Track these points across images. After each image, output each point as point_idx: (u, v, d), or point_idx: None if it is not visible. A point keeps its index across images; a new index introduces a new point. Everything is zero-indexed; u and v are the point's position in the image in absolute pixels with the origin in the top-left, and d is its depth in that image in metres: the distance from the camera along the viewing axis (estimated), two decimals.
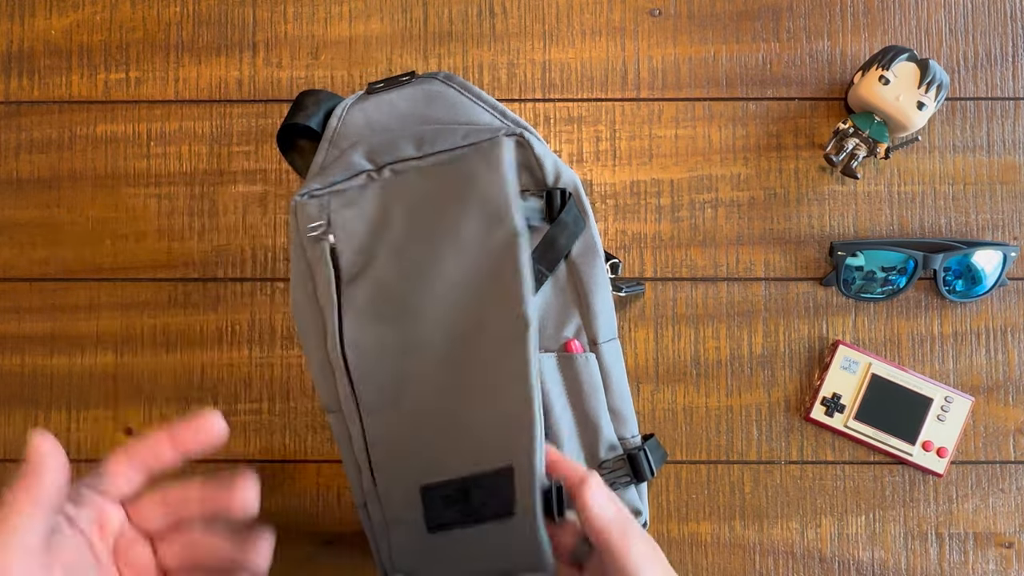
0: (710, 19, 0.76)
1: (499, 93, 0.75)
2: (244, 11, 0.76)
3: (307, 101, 0.65)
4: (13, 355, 0.74)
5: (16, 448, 0.73)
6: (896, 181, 0.75)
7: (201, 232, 0.74)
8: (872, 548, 0.73)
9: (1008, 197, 0.75)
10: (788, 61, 0.76)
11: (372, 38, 0.76)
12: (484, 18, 0.76)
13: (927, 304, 0.74)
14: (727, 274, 0.74)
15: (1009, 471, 0.73)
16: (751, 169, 0.75)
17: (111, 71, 0.76)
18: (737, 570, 0.73)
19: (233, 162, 0.75)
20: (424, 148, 0.63)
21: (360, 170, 0.63)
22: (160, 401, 0.73)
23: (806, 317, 0.74)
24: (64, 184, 0.75)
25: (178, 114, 0.75)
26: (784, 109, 0.75)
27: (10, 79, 0.76)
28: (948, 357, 0.74)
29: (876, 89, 0.70)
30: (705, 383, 0.74)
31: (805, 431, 0.74)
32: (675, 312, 0.74)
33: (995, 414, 0.74)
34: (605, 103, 0.75)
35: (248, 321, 0.74)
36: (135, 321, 0.74)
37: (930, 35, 0.76)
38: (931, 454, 0.72)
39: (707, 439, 0.74)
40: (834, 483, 0.73)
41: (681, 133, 0.75)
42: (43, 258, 0.74)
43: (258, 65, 0.76)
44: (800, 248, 0.75)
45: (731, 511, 0.73)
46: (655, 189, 0.75)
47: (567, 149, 0.75)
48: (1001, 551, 0.73)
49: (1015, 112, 0.75)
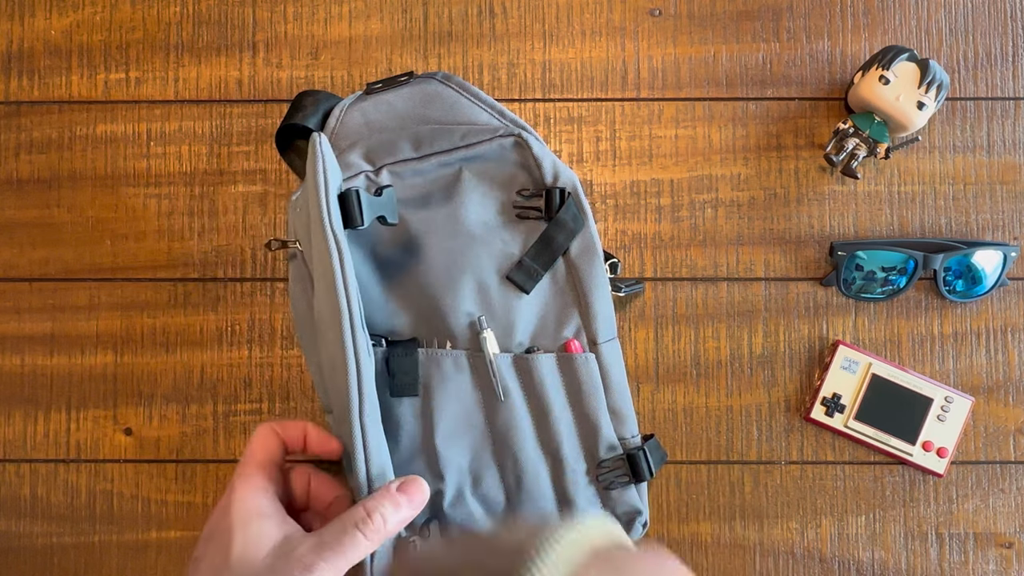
0: (710, 19, 0.76)
1: (499, 93, 0.75)
2: (244, 11, 0.76)
3: (306, 101, 0.65)
4: (13, 355, 0.74)
5: (16, 448, 0.73)
6: (896, 181, 0.75)
7: (201, 232, 0.74)
8: (872, 548, 0.73)
9: (1008, 197, 0.75)
10: (788, 61, 0.76)
11: (372, 38, 0.76)
12: (484, 18, 0.76)
13: (927, 304, 0.74)
14: (727, 274, 0.74)
15: (1009, 471, 0.73)
16: (751, 169, 0.75)
17: (111, 71, 0.76)
18: (737, 570, 0.73)
19: (233, 162, 0.75)
20: (422, 148, 0.63)
21: (358, 170, 0.63)
22: (160, 401, 0.73)
23: (806, 317, 0.74)
24: (64, 184, 0.75)
25: (178, 114, 0.75)
26: (784, 109, 0.75)
27: (10, 79, 0.76)
28: (948, 357, 0.74)
29: (876, 89, 0.70)
30: (705, 383, 0.74)
31: (805, 431, 0.73)
32: (675, 312, 0.74)
33: (995, 414, 0.73)
34: (605, 103, 0.75)
35: (248, 321, 0.74)
36: (135, 321, 0.74)
37: (930, 35, 0.76)
38: (931, 454, 0.72)
39: (707, 439, 0.74)
40: (834, 483, 0.73)
41: (681, 133, 0.75)
42: (43, 258, 0.74)
43: (258, 65, 0.76)
44: (800, 248, 0.74)
45: (731, 511, 0.73)
46: (655, 189, 0.75)
47: (567, 149, 0.75)
48: (1001, 551, 0.73)
49: (1015, 112, 0.75)
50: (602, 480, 0.63)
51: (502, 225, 0.63)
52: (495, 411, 0.62)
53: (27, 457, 0.74)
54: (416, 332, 0.63)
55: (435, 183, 0.63)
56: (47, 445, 0.73)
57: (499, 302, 0.62)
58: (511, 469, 0.62)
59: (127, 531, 0.73)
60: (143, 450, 0.73)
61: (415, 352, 0.62)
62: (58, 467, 0.73)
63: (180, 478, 0.73)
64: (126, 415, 0.73)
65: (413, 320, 0.63)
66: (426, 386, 0.62)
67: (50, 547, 0.73)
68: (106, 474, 0.73)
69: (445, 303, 0.62)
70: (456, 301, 0.62)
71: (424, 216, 0.63)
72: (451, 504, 0.62)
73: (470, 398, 0.62)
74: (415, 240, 0.62)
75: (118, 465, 0.73)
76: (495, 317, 0.62)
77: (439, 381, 0.62)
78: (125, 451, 0.73)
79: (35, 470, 0.73)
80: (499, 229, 0.63)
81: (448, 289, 0.62)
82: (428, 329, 0.63)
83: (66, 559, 0.73)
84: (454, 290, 0.62)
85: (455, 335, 0.62)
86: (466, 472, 0.62)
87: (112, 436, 0.73)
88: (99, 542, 0.73)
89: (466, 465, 0.62)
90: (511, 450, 0.62)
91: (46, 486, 0.73)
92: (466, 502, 0.62)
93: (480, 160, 0.63)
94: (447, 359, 0.62)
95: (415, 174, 0.63)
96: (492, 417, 0.62)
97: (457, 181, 0.63)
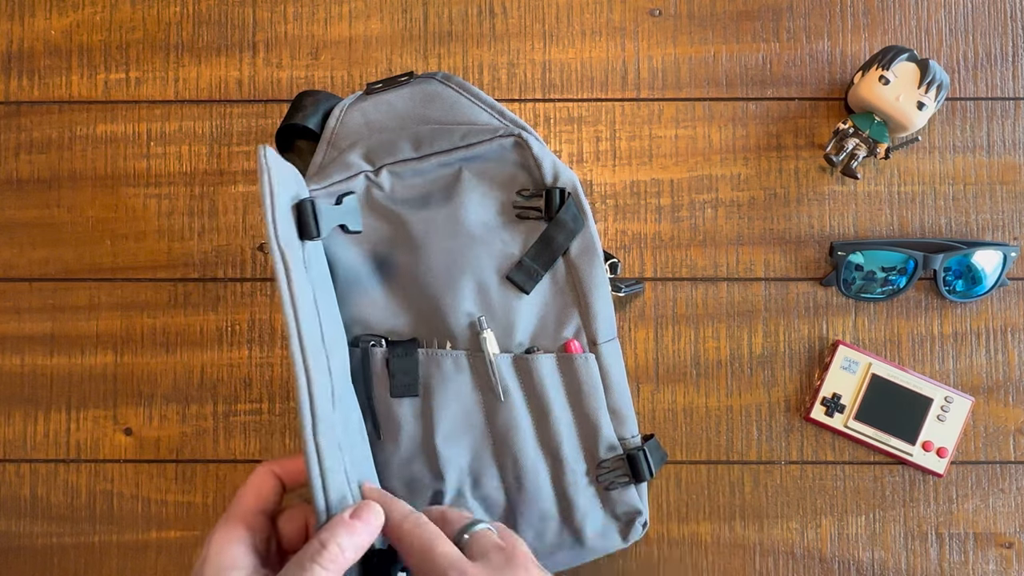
0: (710, 19, 0.76)
1: (499, 93, 0.75)
2: (244, 11, 0.76)
3: (305, 102, 0.65)
4: (13, 355, 0.74)
5: (16, 448, 0.73)
6: (896, 181, 0.75)
7: (201, 232, 0.74)
8: (872, 548, 0.73)
9: (1008, 197, 0.75)
10: (788, 61, 0.76)
11: (372, 38, 0.76)
12: (484, 18, 0.76)
13: (927, 304, 0.74)
14: (727, 274, 0.74)
15: (1009, 471, 0.73)
16: (751, 169, 0.75)
17: (111, 71, 0.76)
18: (737, 570, 0.73)
19: (233, 162, 0.75)
20: (422, 148, 0.63)
21: (358, 170, 0.63)
22: (160, 401, 0.73)
23: (806, 317, 0.74)
24: (64, 184, 0.75)
25: (178, 114, 0.75)
26: (784, 109, 0.75)
27: (10, 79, 0.76)
28: (948, 357, 0.74)
29: (876, 89, 0.70)
30: (705, 383, 0.74)
31: (805, 431, 0.73)
32: (675, 312, 0.74)
33: (995, 414, 0.73)
34: (605, 103, 0.75)
35: (248, 321, 0.74)
36: (135, 321, 0.74)
37: (930, 35, 0.76)
38: (931, 454, 0.72)
39: (707, 439, 0.74)
40: (834, 483, 0.73)
41: (681, 133, 0.75)
42: (43, 258, 0.74)
43: (258, 65, 0.76)
44: (800, 248, 0.74)
45: (731, 511, 0.73)
46: (655, 189, 0.75)
47: (567, 149, 0.75)
48: (1001, 551, 0.73)
49: (1015, 112, 0.75)
50: (602, 480, 0.63)
51: (502, 225, 0.63)
52: (495, 411, 0.62)
53: (27, 457, 0.74)
54: (416, 332, 0.63)
55: (435, 183, 0.63)
56: (47, 445, 0.73)
57: (499, 302, 0.62)
58: (511, 469, 0.62)
59: (127, 531, 0.73)
60: (143, 450, 0.73)
61: (415, 352, 0.62)
62: (58, 467, 0.73)
63: (180, 478, 0.73)
64: (126, 415, 0.73)
65: (413, 320, 0.63)
66: (426, 386, 0.62)
67: (50, 547, 0.73)
68: (106, 474, 0.73)
69: (445, 303, 0.62)
70: (456, 301, 0.62)
71: (424, 216, 0.63)
72: (451, 504, 0.62)
73: (470, 398, 0.62)
74: (415, 240, 0.62)
75: (118, 465, 0.73)
76: (495, 317, 0.62)
77: (439, 381, 0.62)
78: (125, 451, 0.73)
79: (35, 470, 0.73)
80: (499, 229, 0.63)
81: (448, 289, 0.62)
82: (428, 329, 0.63)
83: (66, 559, 0.73)
84: (454, 290, 0.62)
85: (455, 335, 0.62)
86: (466, 472, 0.62)
87: (112, 436, 0.73)
88: (99, 542, 0.73)
89: (466, 465, 0.62)
90: (511, 450, 0.62)
91: (46, 486, 0.73)
92: (466, 502, 0.62)
93: (480, 160, 0.63)
94: (447, 359, 0.62)
95: (415, 174, 0.63)
96: (492, 417, 0.62)
97: (457, 181, 0.63)
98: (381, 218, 0.63)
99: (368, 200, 0.63)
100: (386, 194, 0.63)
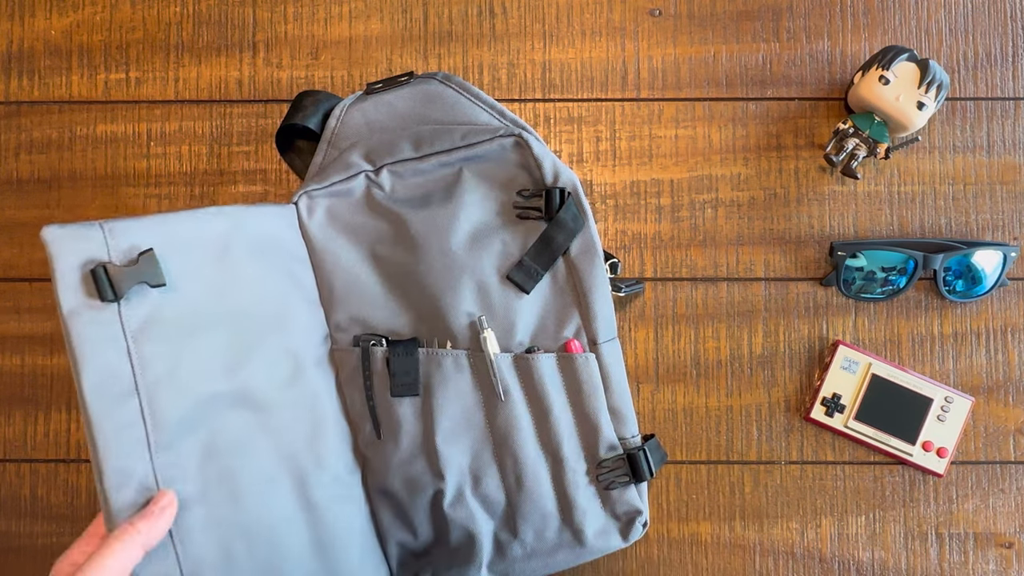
0: (710, 19, 0.76)
1: (499, 93, 0.75)
2: (244, 11, 0.76)
3: (306, 102, 0.65)
4: (13, 355, 0.74)
5: (16, 448, 0.73)
6: (896, 181, 0.75)
7: None
8: (872, 548, 0.73)
9: (1008, 197, 0.75)
10: (788, 61, 0.76)
11: (372, 38, 0.76)
12: (484, 18, 0.76)
13: (927, 304, 0.74)
14: (727, 274, 0.74)
15: (1009, 471, 0.73)
16: (751, 169, 0.75)
17: (111, 71, 0.76)
18: (737, 570, 0.73)
19: (233, 162, 0.75)
20: (423, 148, 0.63)
21: (358, 170, 0.63)
22: None
23: (806, 317, 0.74)
24: (64, 184, 0.75)
25: (178, 114, 0.75)
26: (784, 109, 0.75)
27: (10, 79, 0.76)
28: (948, 357, 0.74)
29: (876, 89, 0.70)
30: (705, 383, 0.74)
31: (805, 431, 0.73)
32: (675, 312, 0.74)
33: (995, 414, 0.73)
34: (605, 103, 0.75)
35: None
36: None
37: (930, 35, 0.76)
38: (931, 454, 0.72)
39: (707, 439, 0.74)
40: (834, 483, 0.73)
41: (681, 133, 0.75)
42: (43, 258, 0.74)
43: (258, 65, 0.76)
44: (800, 248, 0.74)
45: (731, 511, 0.73)
46: (655, 189, 0.75)
47: (567, 149, 0.75)
48: (1001, 551, 0.73)
49: (1015, 112, 0.75)
50: (602, 480, 0.63)
51: (502, 225, 0.63)
52: (495, 411, 0.62)
53: (27, 457, 0.74)
54: (416, 332, 0.63)
55: (435, 183, 0.63)
56: (47, 445, 0.73)
57: (499, 302, 0.62)
58: (511, 469, 0.62)
59: None
60: None
61: (415, 352, 0.62)
62: (58, 467, 0.73)
63: None
64: None
65: (413, 320, 0.63)
66: (426, 386, 0.62)
67: (50, 547, 0.73)
68: None
69: (445, 302, 0.62)
70: (456, 301, 0.62)
71: (424, 216, 0.63)
72: (451, 504, 0.62)
73: (470, 398, 0.62)
74: (415, 240, 0.62)
75: None
76: (495, 317, 0.62)
77: (439, 381, 0.62)
78: None
79: (35, 470, 0.73)
80: (499, 229, 0.63)
81: (448, 289, 0.62)
82: (428, 329, 0.63)
83: None
84: (454, 290, 0.62)
85: (455, 335, 0.62)
86: (466, 472, 0.62)
87: None
88: None
89: (466, 465, 0.62)
90: (511, 450, 0.62)
91: (46, 486, 0.73)
92: (466, 502, 0.62)
93: (480, 160, 0.63)
94: (447, 359, 0.62)
95: (415, 174, 0.63)
96: (492, 417, 0.62)
97: (457, 181, 0.63)
98: (381, 218, 0.63)
99: (368, 200, 0.63)
100: (386, 194, 0.63)
